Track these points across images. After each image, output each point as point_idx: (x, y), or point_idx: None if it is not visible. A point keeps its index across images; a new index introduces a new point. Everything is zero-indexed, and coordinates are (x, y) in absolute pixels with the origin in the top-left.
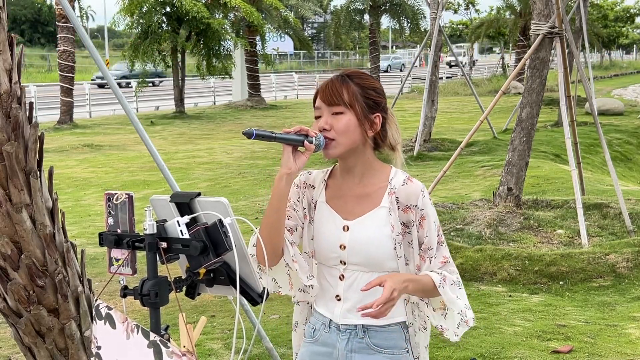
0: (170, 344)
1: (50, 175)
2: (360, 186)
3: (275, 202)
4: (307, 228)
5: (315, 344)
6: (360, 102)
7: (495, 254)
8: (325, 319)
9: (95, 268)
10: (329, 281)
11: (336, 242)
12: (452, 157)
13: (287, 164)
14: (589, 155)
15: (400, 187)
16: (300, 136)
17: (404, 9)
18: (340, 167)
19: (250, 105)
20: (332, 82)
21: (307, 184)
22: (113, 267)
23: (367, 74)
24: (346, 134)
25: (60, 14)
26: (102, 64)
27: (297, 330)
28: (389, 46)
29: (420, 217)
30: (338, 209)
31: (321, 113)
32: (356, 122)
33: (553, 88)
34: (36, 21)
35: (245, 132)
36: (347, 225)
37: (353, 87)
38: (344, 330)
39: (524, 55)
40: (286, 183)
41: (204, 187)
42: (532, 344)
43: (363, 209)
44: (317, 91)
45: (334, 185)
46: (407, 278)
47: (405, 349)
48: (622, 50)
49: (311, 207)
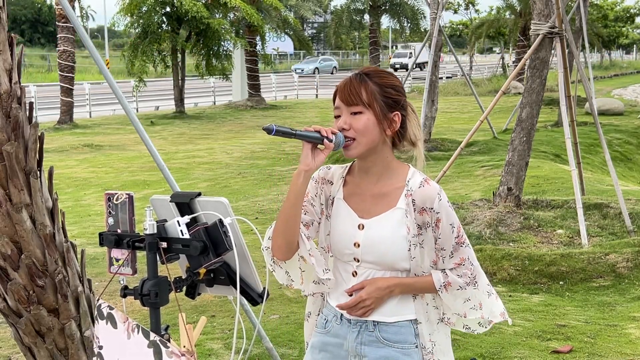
0: (170, 344)
1: (50, 175)
2: (378, 185)
3: (292, 197)
4: (323, 223)
5: (327, 335)
6: (379, 101)
7: (495, 254)
8: (338, 311)
9: (95, 268)
10: (343, 276)
11: (351, 240)
12: (452, 157)
13: (306, 161)
14: (589, 155)
15: (417, 190)
16: (320, 134)
17: (404, 9)
18: (359, 165)
19: (250, 105)
20: (351, 81)
21: (325, 179)
22: (113, 267)
23: (385, 72)
24: (365, 134)
25: (60, 14)
26: (102, 64)
27: (309, 320)
28: (389, 46)
29: (436, 219)
30: (355, 207)
31: (340, 112)
32: (375, 122)
33: (553, 88)
34: (36, 21)
35: (266, 128)
36: (362, 224)
37: (372, 86)
38: (355, 323)
39: (524, 55)
40: (304, 180)
41: (204, 187)
42: (532, 344)
43: (379, 208)
44: (335, 90)
45: (352, 182)
46: (394, 283)
47: (414, 344)
48: (622, 50)
49: (328, 202)
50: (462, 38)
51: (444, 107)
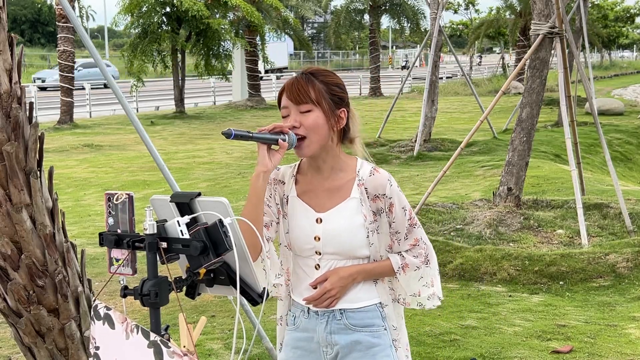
0: (171, 344)
1: (50, 175)
2: (330, 180)
3: (254, 199)
4: (282, 222)
5: (296, 331)
6: (326, 99)
7: (495, 254)
8: (304, 306)
9: (95, 268)
10: (305, 271)
11: (311, 234)
12: (452, 157)
13: (263, 162)
14: (589, 155)
15: (367, 178)
16: (275, 135)
17: (404, 9)
18: (309, 163)
19: (250, 105)
20: (298, 80)
21: (276, 179)
22: (113, 267)
23: (329, 71)
24: (316, 130)
25: (60, 14)
26: (102, 63)
27: (281, 323)
28: (389, 46)
29: (389, 204)
30: (310, 203)
31: (288, 112)
32: (324, 119)
33: (553, 88)
34: (36, 21)
35: (225, 132)
36: (320, 218)
37: (318, 84)
38: (322, 314)
39: (524, 55)
40: (263, 180)
41: (204, 187)
42: (532, 344)
43: (334, 201)
44: (281, 90)
45: (303, 180)
46: (355, 271)
47: (383, 326)
48: (622, 50)
49: (283, 202)
50: (462, 38)
51: (444, 107)
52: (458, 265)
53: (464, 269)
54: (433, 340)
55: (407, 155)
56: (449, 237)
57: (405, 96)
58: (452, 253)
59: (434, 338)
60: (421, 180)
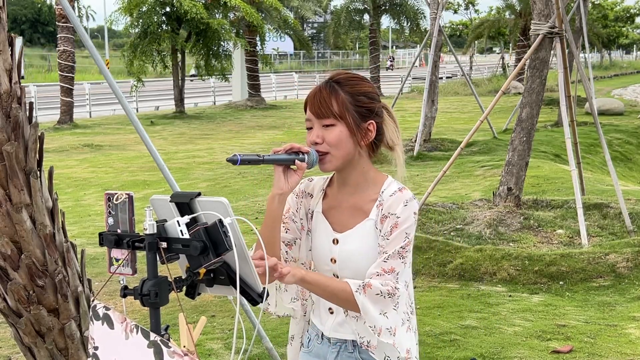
0: (171, 344)
1: (50, 175)
2: (354, 197)
3: (269, 222)
4: (304, 239)
5: (309, 354)
6: (351, 112)
7: (495, 254)
8: (319, 330)
9: (95, 268)
10: None
11: (328, 256)
12: (452, 157)
13: (279, 184)
14: (589, 155)
15: (387, 198)
16: (292, 155)
17: (404, 9)
18: (337, 177)
19: (250, 105)
20: (320, 91)
21: (306, 192)
22: (113, 267)
23: (357, 78)
24: (339, 147)
25: (60, 14)
26: (102, 63)
27: (292, 344)
28: (388, 46)
29: (393, 223)
30: (332, 220)
31: (312, 125)
32: (348, 134)
33: (553, 88)
34: (36, 21)
35: (230, 159)
36: (336, 238)
37: (343, 95)
38: (335, 343)
39: (524, 55)
40: (278, 203)
41: (204, 187)
42: (532, 344)
43: (355, 220)
44: (306, 100)
45: (331, 194)
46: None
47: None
48: (622, 50)
49: (308, 216)
50: (462, 38)
51: (444, 107)
52: (458, 265)
53: (464, 269)
54: (433, 340)
55: (407, 155)
56: (449, 237)
57: (405, 96)
58: (452, 253)
59: (434, 338)
60: (421, 180)
